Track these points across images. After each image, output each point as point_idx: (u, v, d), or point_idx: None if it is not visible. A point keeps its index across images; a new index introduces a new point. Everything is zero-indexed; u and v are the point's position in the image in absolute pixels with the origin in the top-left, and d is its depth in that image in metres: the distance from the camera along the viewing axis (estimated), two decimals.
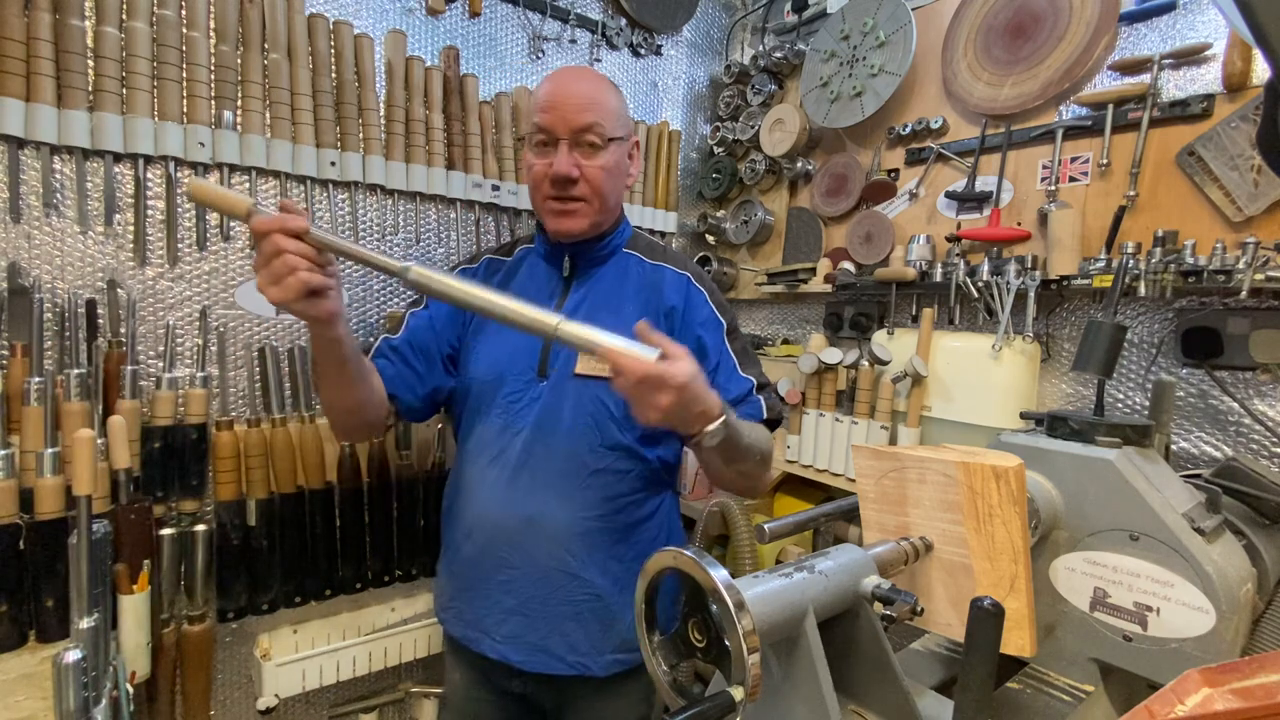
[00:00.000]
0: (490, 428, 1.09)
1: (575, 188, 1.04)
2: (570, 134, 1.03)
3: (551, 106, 1.03)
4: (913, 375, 1.46)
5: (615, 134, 1.06)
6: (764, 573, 0.60)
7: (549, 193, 1.06)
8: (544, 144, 1.05)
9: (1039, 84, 1.42)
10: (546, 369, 1.08)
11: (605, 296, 1.12)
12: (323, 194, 1.45)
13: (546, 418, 1.06)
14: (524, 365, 1.09)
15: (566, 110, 1.02)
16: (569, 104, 1.02)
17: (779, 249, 2.00)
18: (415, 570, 1.52)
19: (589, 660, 1.08)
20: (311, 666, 1.38)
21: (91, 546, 0.89)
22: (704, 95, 2.18)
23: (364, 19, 1.48)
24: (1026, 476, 0.84)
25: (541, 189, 1.06)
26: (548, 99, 1.04)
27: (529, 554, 1.05)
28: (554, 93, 1.04)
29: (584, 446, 1.06)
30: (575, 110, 1.02)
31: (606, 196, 1.08)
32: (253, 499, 1.31)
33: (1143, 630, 0.74)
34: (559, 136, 1.03)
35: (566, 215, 1.07)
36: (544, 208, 1.08)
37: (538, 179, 1.06)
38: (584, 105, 1.03)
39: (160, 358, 1.28)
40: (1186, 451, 1.26)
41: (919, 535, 0.76)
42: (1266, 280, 1.08)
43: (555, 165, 1.03)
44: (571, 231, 1.08)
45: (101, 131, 1.18)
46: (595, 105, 1.04)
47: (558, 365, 1.08)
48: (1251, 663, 0.46)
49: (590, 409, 1.06)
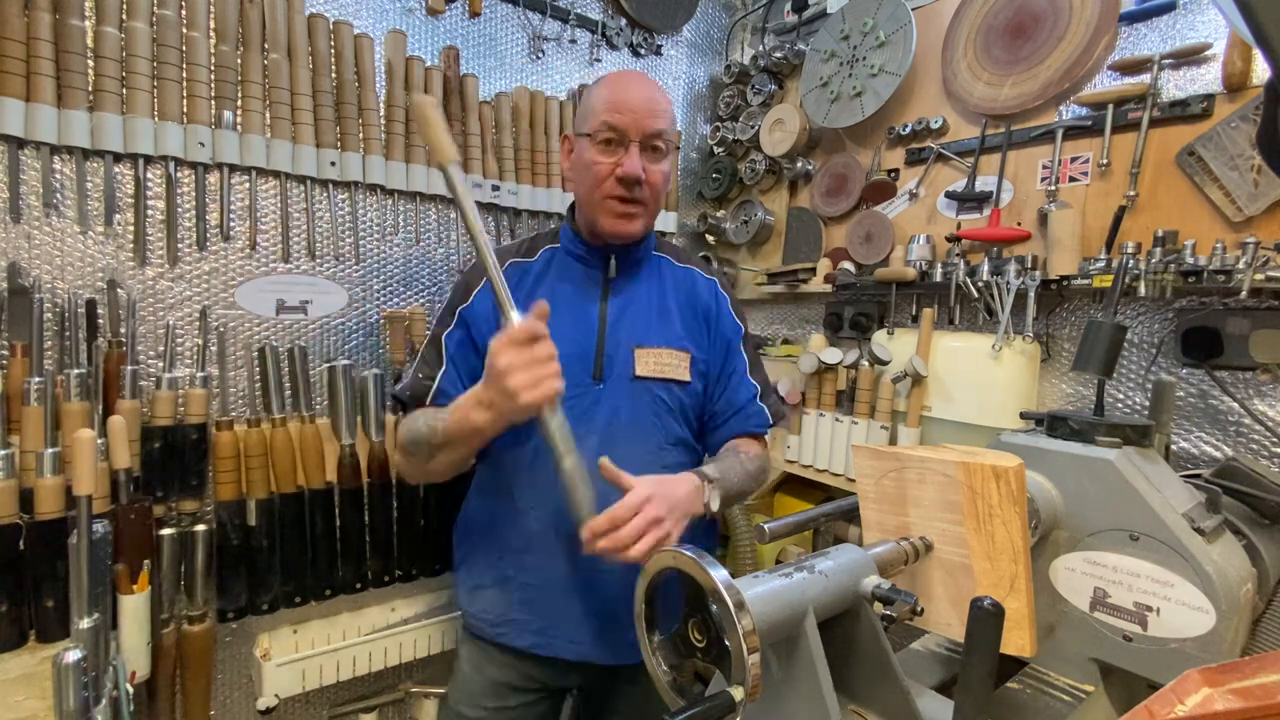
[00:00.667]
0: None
1: (640, 190, 1.06)
2: (642, 137, 1.04)
3: (627, 108, 1.03)
4: (913, 375, 1.46)
5: (673, 143, 1.10)
6: (764, 573, 0.60)
7: (614, 192, 1.05)
8: (611, 142, 1.05)
9: (1039, 84, 1.42)
10: (602, 373, 1.09)
11: (646, 296, 1.15)
12: (323, 194, 1.45)
13: (614, 420, 1.08)
14: (579, 370, 1.08)
15: (640, 114, 1.03)
16: (643, 107, 1.04)
17: (779, 249, 2.00)
18: (415, 570, 1.52)
19: None
20: (311, 666, 1.38)
21: (91, 546, 0.89)
22: (704, 95, 2.18)
23: (364, 19, 1.48)
24: (1026, 476, 0.85)
25: (604, 187, 1.06)
26: (620, 99, 1.04)
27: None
28: (627, 94, 1.04)
29: (653, 444, 1.10)
30: (648, 114, 1.04)
31: (659, 201, 1.12)
32: (253, 499, 1.31)
33: (1143, 630, 0.74)
34: (630, 138, 1.04)
35: (627, 218, 1.07)
36: (604, 206, 1.07)
37: (600, 177, 1.05)
38: (656, 111, 1.05)
39: (160, 358, 1.28)
40: (1186, 451, 1.26)
41: (919, 535, 0.76)
42: (1266, 280, 1.08)
43: (627, 166, 1.03)
44: (630, 234, 1.09)
45: (101, 131, 1.18)
46: (664, 113, 1.06)
47: (615, 368, 1.09)
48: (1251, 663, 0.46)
49: (653, 407, 1.10)
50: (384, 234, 1.54)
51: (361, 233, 1.50)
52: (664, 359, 1.10)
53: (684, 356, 1.12)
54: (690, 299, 1.17)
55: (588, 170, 1.07)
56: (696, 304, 1.17)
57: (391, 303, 1.56)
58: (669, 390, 1.11)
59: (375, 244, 1.53)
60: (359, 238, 1.50)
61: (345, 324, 1.50)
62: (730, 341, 1.18)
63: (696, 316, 1.16)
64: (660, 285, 1.17)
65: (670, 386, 1.11)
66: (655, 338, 1.11)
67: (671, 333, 1.13)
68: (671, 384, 1.11)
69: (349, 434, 1.41)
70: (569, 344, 1.07)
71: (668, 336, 1.12)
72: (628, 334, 1.11)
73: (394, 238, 1.55)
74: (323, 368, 1.45)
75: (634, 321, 1.12)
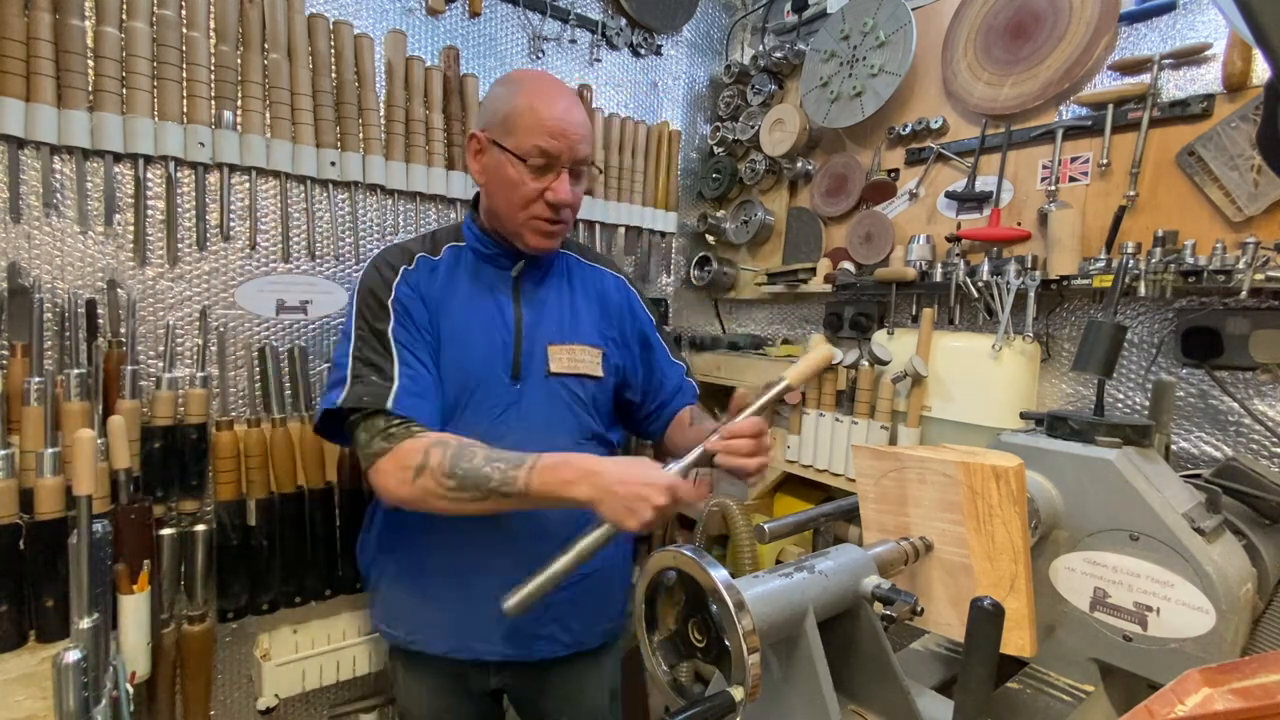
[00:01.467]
0: (466, 433, 1.01)
1: (564, 212, 1.09)
2: (573, 163, 1.07)
3: (561, 134, 1.04)
4: (913, 375, 1.46)
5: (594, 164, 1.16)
6: (764, 573, 0.60)
7: (542, 214, 1.08)
8: (543, 168, 1.06)
9: (1039, 84, 1.42)
10: (520, 372, 1.11)
11: (558, 295, 1.19)
12: (323, 194, 1.45)
13: (531, 418, 1.10)
14: (498, 369, 1.10)
15: (574, 140, 1.05)
16: (575, 134, 1.05)
17: (779, 249, 2.00)
18: None
19: (585, 635, 1.17)
20: (311, 666, 1.38)
21: (91, 546, 0.89)
22: (704, 95, 2.18)
23: (364, 19, 1.48)
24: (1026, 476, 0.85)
25: (531, 209, 1.07)
26: (554, 125, 1.03)
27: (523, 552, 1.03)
28: (562, 120, 1.04)
29: (569, 440, 1.12)
30: (581, 141, 1.06)
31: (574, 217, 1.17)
32: (253, 499, 1.31)
33: (1143, 630, 0.74)
34: (563, 164, 1.06)
35: (551, 235, 1.11)
36: (529, 225, 1.09)
37: (529, 198, 1.06)
38: (585, 136, 1.07)
39: (160, 358, 1.28)
40: (1186, 451, 1.26)
41: (919, 535, 0.76)
42: (1266, 280, 1.08)
43: (558, 192, 1.06)
44: (548, 249, 1.14)
45: (101, 131, 1.18)
46: (589, 136, 1.09)
47: (532, 366, 1.11)
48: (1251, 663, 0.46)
49: (568, 403, 1.13)
50: (384, 234, 1.54)
51: (361, 233, 1.50)
52: (577, 355, 1.14)
53: (596, 353, 1.16)
54: (600, 297, 1.22)
55: (513, 189, 1.06)
56: (607, 302, 1.22)
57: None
58: (582, 385, 1.14)
59: (375, 244, 1.53)
60: (359, 238, 1.50)
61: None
62: (645, 333, 1.25)
63: (607, 314, 1.21)
64: (569, 284, 1.21)
65: (584, 382, 1.14)
66: (567, 335, 1.15)
67: (583, 330, 1.17)
68: (585, 379, 1.14)
69: None
70: (488, 344, 1.10)
71: (580, 333, 1.16)
72: (543, 332, 1.13)
73: (394, 238, 1.55)
74: (323, 368, 1.45)
75: (548, 320, 1.15)
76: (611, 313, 1.22)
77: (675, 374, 1.28)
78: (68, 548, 0.95)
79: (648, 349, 1.26)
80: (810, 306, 1.97)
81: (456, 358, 1.10)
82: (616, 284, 1.26)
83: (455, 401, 1.09)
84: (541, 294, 1.17)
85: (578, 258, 1.26)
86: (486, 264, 1.16)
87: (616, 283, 1.26)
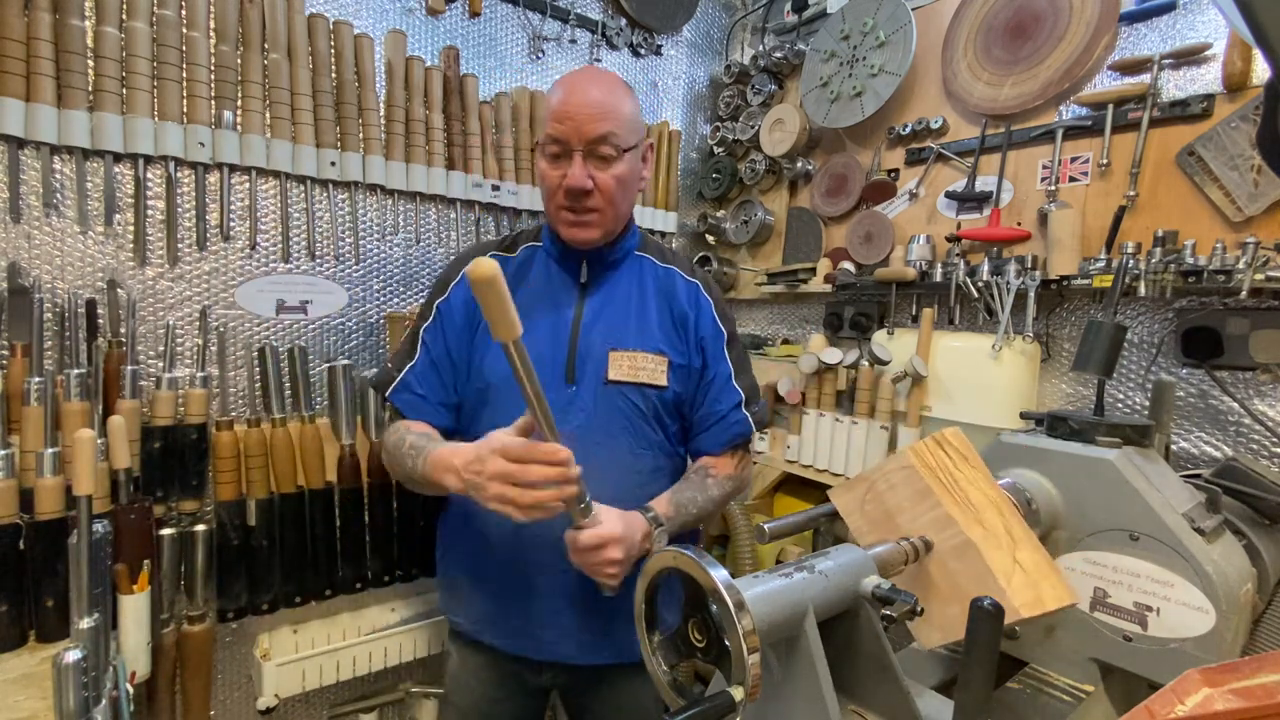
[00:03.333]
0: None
1: (589, 199, 1.03)
2: (584, 145, 1.01)
3: (566, 116, 1.00)
4: (913, 375, 1.46)
5: (628, 144, 1.04)
6: (764, 573, 0.60)
7: (563, 203, 1.04)
8: (557, 155, 1.03)
9: (1039, 84, 1.42)
10: (574, 376, 1.08)
11: (624, 299, 1.13)
12: (323, 194, 1.45)
13: (585, 424, 1.06)
14: (551, 371, 1.07)
15: (580, 121, 1.00)
16: (583, 114, 1.00)
17: (779, 249, 2.00)
18: (415, 570, 1.52)
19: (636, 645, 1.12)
20: (311, 666, 1.38)
21: (91, 546, 0.89)
22: (704, 95, 2.18)
23: (364, 19, 1.48)
24: (1026, 476, 0.85)
25: (555, 198, 1.05)
26: (561, 108, 1.01)
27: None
28: (568, 101, 1.01)
29: (624, 449, 1.08)
30: (589, 121, 1.00)
31: (619, 206, 1.07)
32: (253, 499, 1.31)
33: (1143, 630, 0.74)
34: (574, 148, 1.01)
35: (580, 226, 1.06)
36: (557, 217, 1.07)
37: (551, 188, 1.05)
38: (598, 115, 1.00)
39: (160, 358, 1.28)
40: (1186, 451, 1.26)
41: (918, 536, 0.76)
42: (1266, 280, 1.08)
43: (570, 178, 1.01)
44: (587, 240, 1.08)
45: (101, 131, 1.18)
46: (609, 115, 1.01)
47: (588, 372, 1.08)
48: (1251, 663, 0.46)
49: (626, 412, 1.08)
50: (384, 234, 1.54)
51: (361, 233, 1.50)
52: (639, 363, 1.09)
53: (661, 360, 1.10)
54: (669, 301, 1.14)
55: (542, 182, 1.07)
56: (675, 307, 1.14)
57: (391, 303, 1.56)
58: (643, 395, 1.09)
59: (375, 244, 1.53)
60: (359, 238, 1.50)
61: (345, 324, 1.50)
62: (709, 346, 1.14)
63: (674, 319, 1.13)
64: (640, 287, 1.15)
65: (645, 391, 1.09)
66: (631, 341, 1.10)
67: (649, 336, 1.11)
68: (646, 388, 1.09)
69: (349, 434, 1.41)
70: (541, 345, 1.07)
71: (645, 340, 1.10)
72: (603, 337, 1.09)
73: (394, 238, 1.55)
74: (323, 368, 1.45)
75: (610, 324, 1.10)
76: (676, 318, 1.14)
77: (728, 401, 1.13)
78: (68, 548, 0.95)
79: (708, 363, 1.14)
80: (810, 306, 1.97)
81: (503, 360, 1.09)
82: (687, 287, 1.16)
83: (505, 399, 1.08)
84: (608, 296, 1.13)
85: (654, 260, 1.18)
86: (556, 264, 1.15)
87: (687, 286, 1.17)
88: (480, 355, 1.12)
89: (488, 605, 1.13)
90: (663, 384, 1.09)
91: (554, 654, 1.10)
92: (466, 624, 1.16)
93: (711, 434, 1.14)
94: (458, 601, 1.18)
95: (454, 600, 1.19)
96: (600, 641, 1.10)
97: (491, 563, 1.12)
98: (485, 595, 1.13)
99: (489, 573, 1.12)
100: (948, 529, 0.71)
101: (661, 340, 1.11)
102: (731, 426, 1.13)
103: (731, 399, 1.14)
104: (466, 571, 1.16)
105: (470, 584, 1.16)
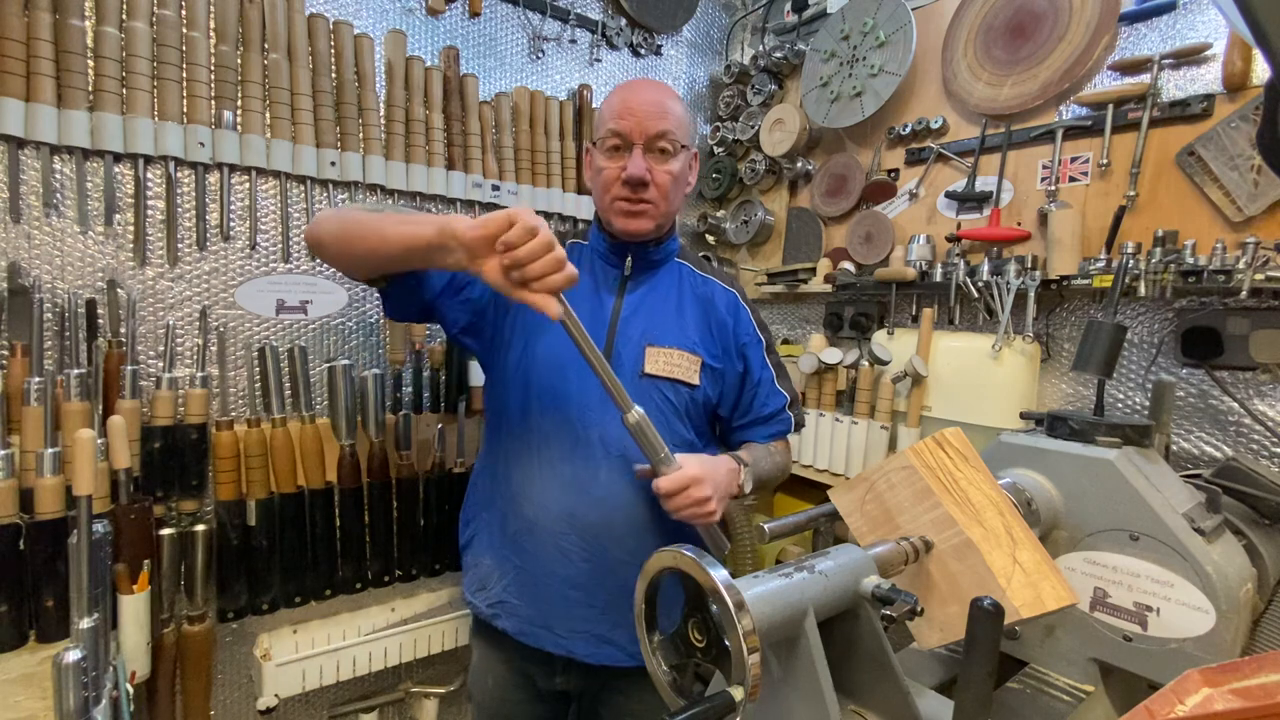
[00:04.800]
0: (552, 421, 1.10)
1: (646, 191, 1.09)
2: (644, 139, 1.07)
3: (628, 113, 1.07)
4: (913, 375, 1.46)
5: (684, 142, 1.11)
6: (764, 573, 0.60)
7: (620, 194, 1.09)
8: (617, 148, 1.09)
9: (1039, 84, 1.42)
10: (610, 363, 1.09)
11: (663, 298, 1.17)
12: (323, 194, 1.45)
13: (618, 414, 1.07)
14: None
15: (642, 117, 1.06)
16: (644, 110, 1.07)
17: (779, 249, 2.00)
18: (415, 570, 1.52)
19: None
20: (311, 666, 1.38)
21: (91, 546, 0.89)
22: (704, 95, 2.18)
23: (364, 19, 1.48)
24: (1026, 476, 0.85)
25: (612, 190, 1.10)
26: (623, 105, 1.08)
27: (603, 549, 1.08)
28: (629, 99, 1.08)
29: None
30: (650, 117, 1.07)
31: (671, 201, 1.13)
32: (253, 499, 1.31)
33: (1143, 630, 0.74)
34: (634, 141, 1.07)
35: (635, 215, 1.11)
36: (613, 208, 1.11)
37: (609, 181, 1.10)
38: (658, 113, 1.07)
39: (160, 358, 1.28)
40: (1186, 451, 1.26)
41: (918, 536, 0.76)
42: (1266, 280, 1.08)
43: (630, 168, 1.07)
44: (639, 230, 1.12)
45: (101, 131, 1.18)
46: (668, 114, 1.08)
47: (624, 364, 1.10)
48: (1251, 663, 0.46)
49: (659, 406, 1.11)
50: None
51: None
52: (674, 360, 1.12)
53: (695, 360, 1.14)
54: (706, 308, 1.19)
55: (598, 176, 1.12)
56: (713, 314, 1.19)
57: None
58: (676, 391, 1.12)
59: None
60: None
61: (345, 324, 1.50)
62: (750, 352, 1.20)
63: (711, 326, 1.18)
64: (678, 289, 1.20)
65: (678, 387, 1.12)
66: (668, 338, 1.13)
67: (685, 335, 1.15)
68: (679, 385, 1.12)
69: (349, 434, 1.41)
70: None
71: (681, 339, 1.14)
72: (640, 331, 1.12)
73: None
74: (323, 368, 1.45)
75: (648, 319, 1.14)
76: (714, 324, 1.19)
77: (775, 403, 1.21)
78: (68, 548, 0.95)
79: (748, 369, 1.20)
80: (810, 306, 1.97)
81: (548, 341, 1.11)
82: (726, 297, 1.22)
83: (542, 385, 1.11)
84: (647, 293, 1.17)
85: (692, 268, 1.24)
86: (601, 260, 1.19)
87: (726, 296, 1.22)
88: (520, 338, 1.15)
89: (506, 587, 1.14)
90: (695, 383, 1.13)
91: (567, 649, 1.11)
92: (484, 606, 1.17)
93: (757, 430, 1.21)
94: (477, 582, 1.19)
95: (475, 581, 1.20)
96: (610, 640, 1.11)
97: (514, 545, 1.13)
98: (505, 576, 1.14)
99: (512, 555, 1.13)
100: (948, 529, 0.71)
101: (697, 341, 1.16)
102: (777, 424, 1.22)
103: (779, 400, 1.22)
104: (489, 553, 1.17)
105: (493, 563, 1.16)
